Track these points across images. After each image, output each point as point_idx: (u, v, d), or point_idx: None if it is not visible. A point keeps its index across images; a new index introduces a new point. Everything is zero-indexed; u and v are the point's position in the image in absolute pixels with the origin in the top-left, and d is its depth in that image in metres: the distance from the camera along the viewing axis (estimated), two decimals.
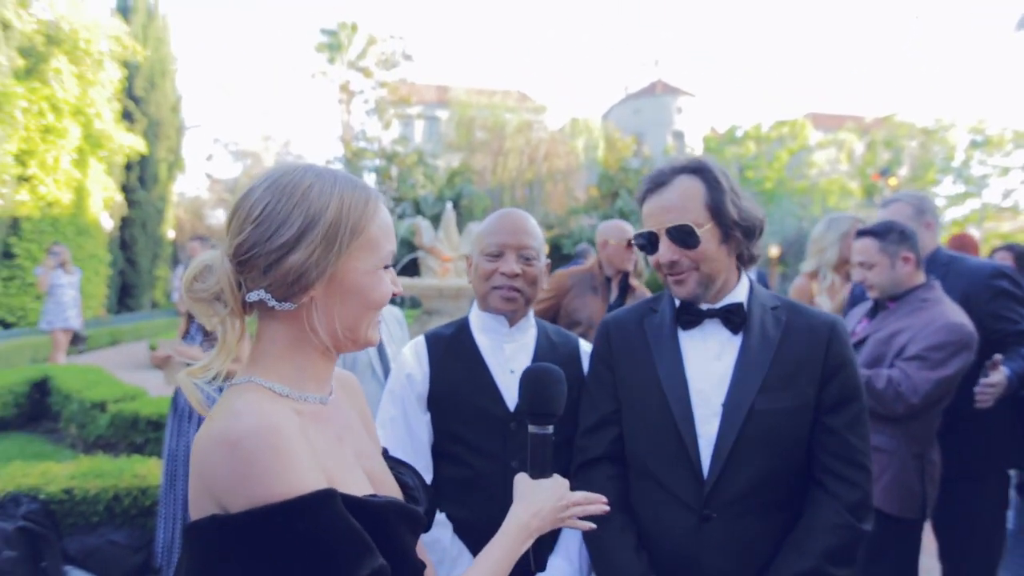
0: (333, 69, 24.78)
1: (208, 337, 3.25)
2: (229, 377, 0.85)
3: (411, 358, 1.54)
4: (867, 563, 1.88)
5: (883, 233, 2.26)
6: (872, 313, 2.37)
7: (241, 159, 28.16)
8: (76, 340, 9.23)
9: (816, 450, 1.25)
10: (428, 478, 1.51)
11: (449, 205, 8.45)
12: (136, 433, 4.80)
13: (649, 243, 1.32)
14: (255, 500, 0.69)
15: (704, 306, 1.32)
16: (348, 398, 1.00)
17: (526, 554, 1.02)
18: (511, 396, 1.47)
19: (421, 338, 1.58)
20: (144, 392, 5.48)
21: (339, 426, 0.91)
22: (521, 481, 1.04)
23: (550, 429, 1.06)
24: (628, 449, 1.38)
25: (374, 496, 0.83)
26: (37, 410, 6.12)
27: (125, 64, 13.42)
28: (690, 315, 1.32)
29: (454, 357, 1.52)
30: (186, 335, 3.30)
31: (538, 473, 1.04)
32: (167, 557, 3.15)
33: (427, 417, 1.51)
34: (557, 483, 1.03)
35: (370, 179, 23.31)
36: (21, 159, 10.70)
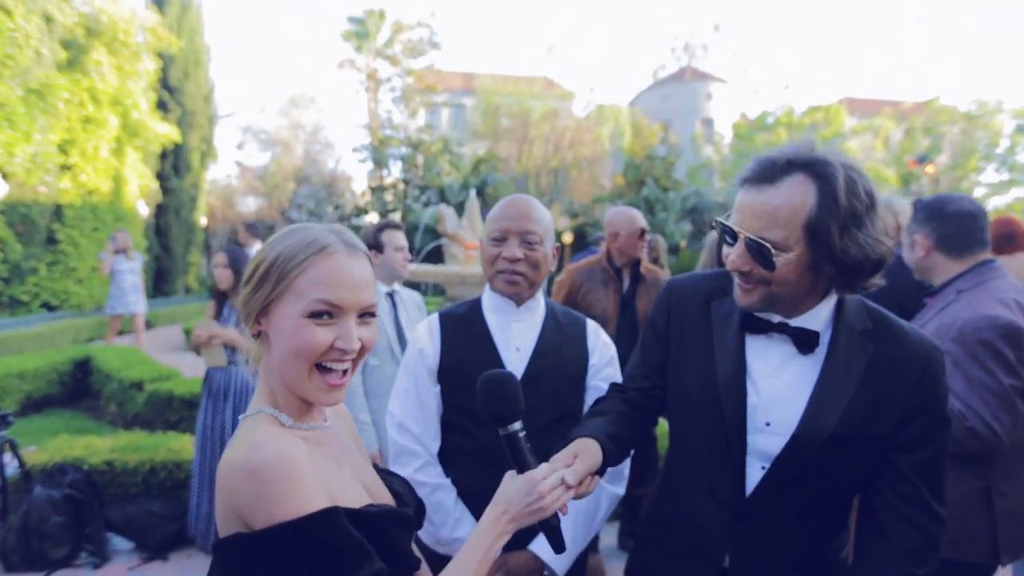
0: (360, 57, 24.97)
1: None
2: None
3: (425, 334, 1.64)
4: None
5: (914, 207, 1.97)
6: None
7: (270, 147, 28.65)
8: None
9: (879, 485, 1.16)
10: (436, 446, 1.61)
11: (473, 193, 8.51)
12: (171, 411, 5.04)
13: (728, 236, 1.16)
14: (273, 519, 0.81)
15: (776, 319, 1.19)
16: (340, 422, 1.11)
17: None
18: (515, 372, 1.55)
19: (435, 315, 1.68)
20: (178, 373, 5.71)
21: (337, 447, 1.02)
22: (505, 479, 1.07)
23: (516, 426, 1.08)
24: (673, 431, 1.38)
25: (371, 506, 0.95)
26: (79, 388, 6.44)
27: (160, 55, 13.75)
28: (758, 324, 1.21)
29: (464, 334, 1.61)
30: (218, 316, 3.45)
31: (519, 470, 1.07)
32: (201, 528, 3.33)
33: (437, 389, 1.60)
34: (527, 478, 1.05)
35: (396, 167, 23.49)
36: (63, 148, 11.08)
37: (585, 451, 1.15)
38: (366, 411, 2.76)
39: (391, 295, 2.98)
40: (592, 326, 1.71)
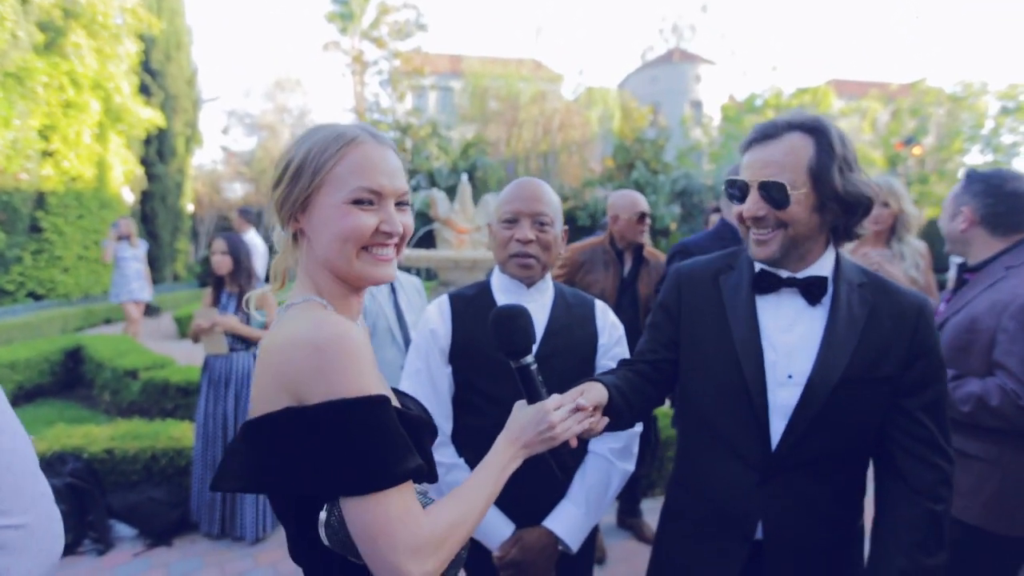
0: (345, 39, 24.53)
1: (240, 306, 3.38)
2: None
3: (435, 315, 1.65)
4: None
5: (968, 178, 1.90)
6: (957, 288, 1.97)
7: (256, 132, 28.20)
8: (147, 310, 9.51)
9: (891, 431, 1.23)
10: (449, 426, 1.64)
11: (464, 177, 8.45)
12: (166, 399, 5.02)
13: (739, 193, 1.27)
14: (332, 395, 0.81)
15: (784, 274, 1.28)
16: (362, 334, 1.12)
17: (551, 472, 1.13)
18: None
19: (445, 296, 1.69)
20: (172, 361, 5.68)
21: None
22: (515, 408, 1.12)
23: (529, 358, 1.12)
24: (693, 403, 1.41)
25: (408, 409, 0.97)
26: (71, 377, 6.38)
27: (141, 37, 13.42)
28: (769, 281, 1.29)
29: (474, 314, 1.62)
30: (217, 303, 3.42)
31: (530, 401, 1.11)
32: (204, 513, 3.35)
33: (449, 369, 1.62)
34: (538, 407, 1.08)
35: None
36: (44, 134, 10.85)
37: (590, 389, 1.22)
38: None
39: None
40: (600, 306, 1.73)
